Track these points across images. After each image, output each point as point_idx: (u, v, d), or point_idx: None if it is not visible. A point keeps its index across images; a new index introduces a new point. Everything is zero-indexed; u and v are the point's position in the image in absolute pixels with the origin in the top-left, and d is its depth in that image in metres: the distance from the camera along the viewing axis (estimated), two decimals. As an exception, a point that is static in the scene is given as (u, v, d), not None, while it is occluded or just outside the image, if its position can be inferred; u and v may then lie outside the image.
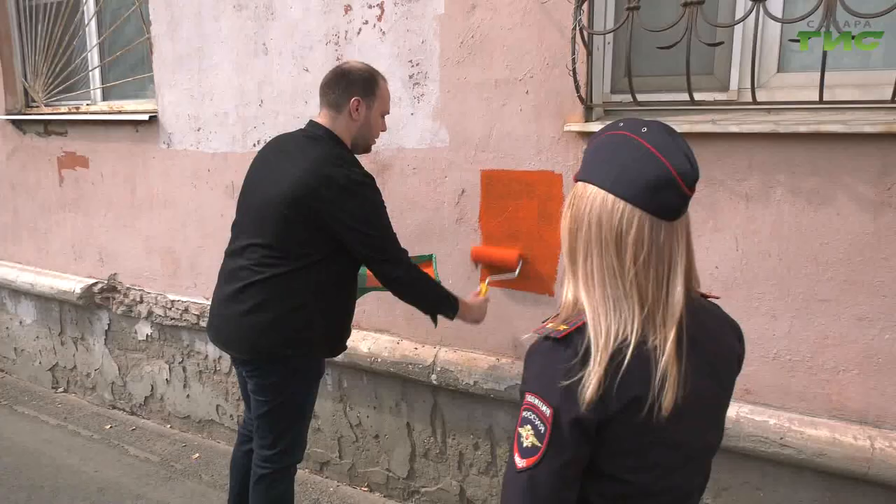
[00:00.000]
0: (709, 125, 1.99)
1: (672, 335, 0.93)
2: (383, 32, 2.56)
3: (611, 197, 0.94)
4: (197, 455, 3.32)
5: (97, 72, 3.68)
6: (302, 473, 3.01)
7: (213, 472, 3.16)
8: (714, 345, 1.03)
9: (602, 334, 0.93)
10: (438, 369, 2.59)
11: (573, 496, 0.97)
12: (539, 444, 0.94)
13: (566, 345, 0.95)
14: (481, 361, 2.54)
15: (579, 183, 1.00)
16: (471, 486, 2.71)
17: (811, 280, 1.96)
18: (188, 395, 3.50)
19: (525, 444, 0.96)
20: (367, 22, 2.58)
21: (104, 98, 3.70)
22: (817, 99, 1.83)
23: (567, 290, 1.02)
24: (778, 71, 2.06)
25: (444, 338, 2.66)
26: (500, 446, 2.60)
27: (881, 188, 1.83)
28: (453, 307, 2.11)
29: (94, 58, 3.67)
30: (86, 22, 3.63)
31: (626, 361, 0.91)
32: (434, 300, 2.10)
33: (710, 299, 1.09)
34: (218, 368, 3.34)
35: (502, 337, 2.54)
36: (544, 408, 0.94)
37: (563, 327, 0.97)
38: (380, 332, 2.82)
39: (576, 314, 0.98)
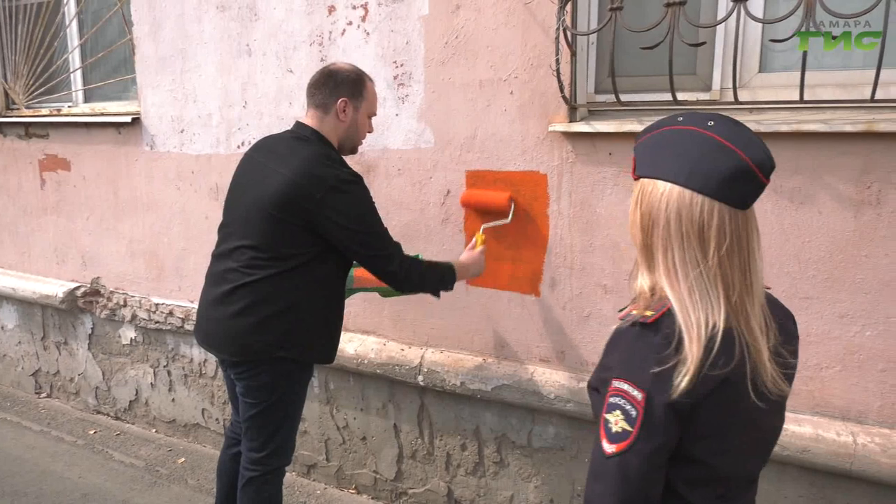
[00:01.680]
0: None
1: (759, 318, 0.96)
2: (367, 33, 2.55)
3: (687, 192, 0.95)
4: (182, 459, 3.29)
5: (79, 73, 3.64)
6: (289, 476, 2.99)
7: (199, 476, 3.13)
8: (780, 329, 1.04)
9: (693, 326, 0.93)
10: (425, 370, 2.58)
11: (661, 480, 0.98)
12: (630, 429, 0.95)
13: (655, 330, 0.96)
14: (468, 362, 2.54)
15: (645, 180, 1.00)
16: (458, 486, 2.70)
17: (793, 278, 1.98)
18: (173, 399, 3.47)
19: (614, 430, 0.96)
20: (351, 23, 2.57)
21: (86, 100, 3.67)
22: (798, 98, 1.85)
23: (640, 281, 1.03)
24: (759, 71, 2.07)
25: (431, 339, 2.65)
26: (487, 447, 2.60)
27: (861, 187, 1.85)
28: (452, 277, 2.14)
29: (75, 59, 3.63)
30: (67, 23, 3.59)
31: (715, 347, 0.92)
32: (433, 283, 2.11)
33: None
34: (203, 372, 3.31)
35: (488, 337, 2.54)
36: (635, 392, 0.95)
37: (649, 313, 0.97)
38: (366, 333, 2.81)
39: (657, 301, 0.99)
